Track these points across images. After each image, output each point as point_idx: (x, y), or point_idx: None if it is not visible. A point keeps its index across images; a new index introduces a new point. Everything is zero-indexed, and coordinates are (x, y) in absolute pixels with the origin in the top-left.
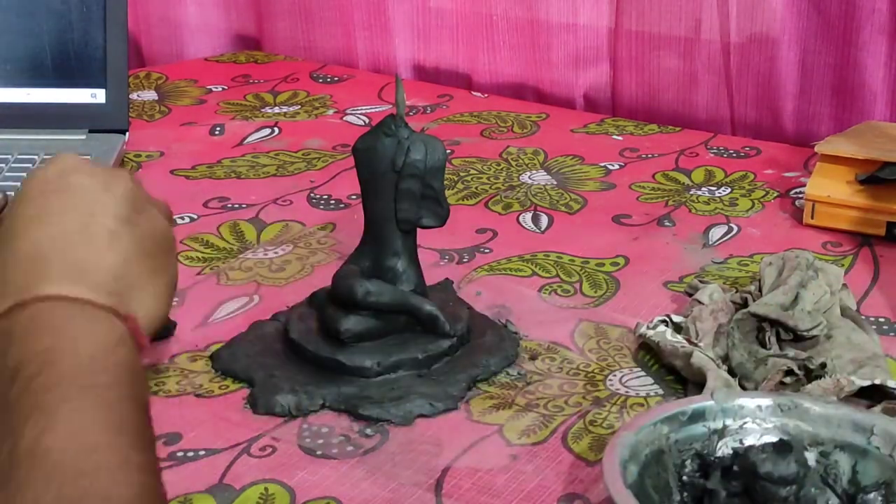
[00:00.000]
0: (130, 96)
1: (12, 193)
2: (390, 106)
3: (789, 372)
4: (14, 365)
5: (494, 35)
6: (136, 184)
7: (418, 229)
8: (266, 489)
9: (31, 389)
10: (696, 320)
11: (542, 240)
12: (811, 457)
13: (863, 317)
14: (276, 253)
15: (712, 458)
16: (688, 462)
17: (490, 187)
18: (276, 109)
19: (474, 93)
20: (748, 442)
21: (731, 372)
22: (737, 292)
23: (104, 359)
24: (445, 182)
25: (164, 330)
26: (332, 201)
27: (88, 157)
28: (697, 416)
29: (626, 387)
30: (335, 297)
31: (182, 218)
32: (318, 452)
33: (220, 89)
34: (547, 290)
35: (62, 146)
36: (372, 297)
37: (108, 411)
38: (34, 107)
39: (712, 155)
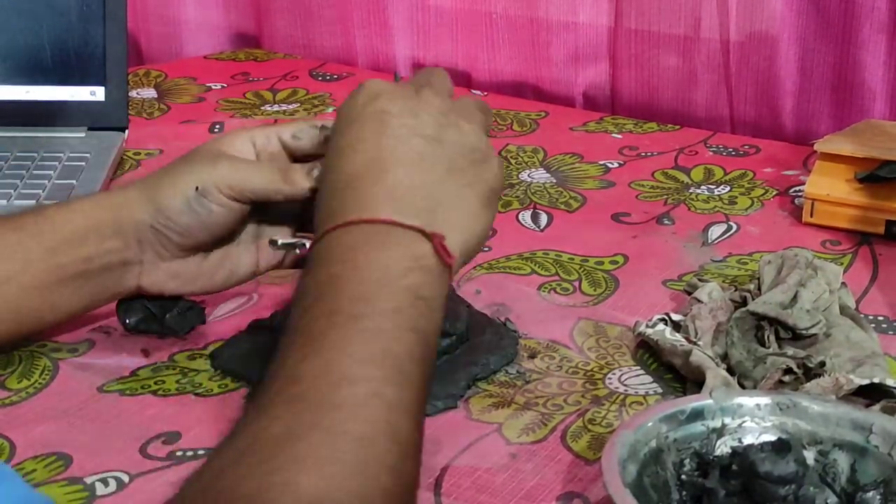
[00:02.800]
0: (130, 94)
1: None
2: None
3: (788, 370)
4: (304, 288)
5: (494, 33)
6: (439, 97)
7: None
8: None
9: (308, 315)
10: (695, 319)
11: (541, 238)
12: (810, 455)
13: (862, 315)
14: None
15: (711, 457)
16: (686, 461)
17: None
18: (276, 107)
19: (474, 91)
20: (747, 441)
21: (730, 370)
22: (736, 291)
23: (391, 284)
24: None
25: (197, 317)
26: None
27: (87, 155)
28: (696, 414)
29: (625, 385)
30: None
31: None
32: None
33: (220, 87)
34: (546, 288)
35: (62, 144)
36: None
37: (373, 342)
38: (33, 104)
39: (712, 153)
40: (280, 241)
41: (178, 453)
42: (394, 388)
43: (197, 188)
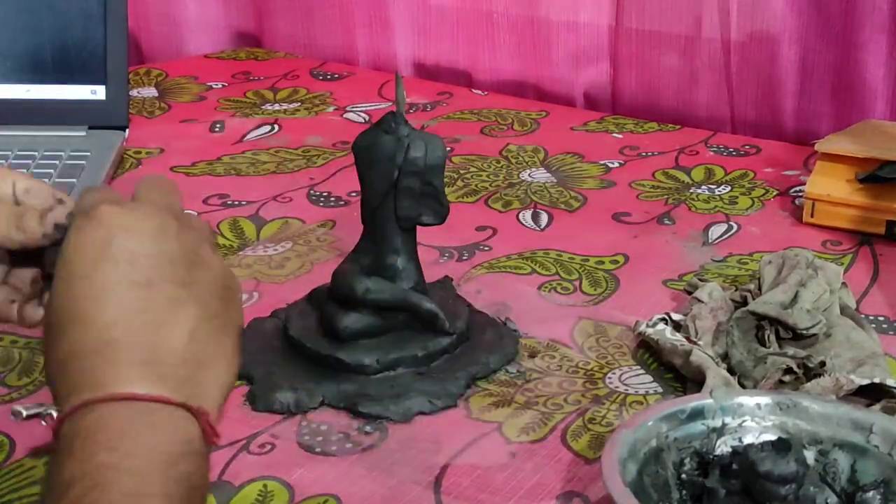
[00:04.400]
0: (130, 93)
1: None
2: (390, 103)
3: (788, 370)
4: (68, 479)
5: (495, 33)
6: (183, 224)
7: (418, 227)
8: (265, 486)
9: None
10: (696, 318)
11: (541, 237)
12: (810, 455)
13: (862, 315)
14: (275, 250)
15: (711, 457)
16: (687, 460)
17: (490, 185)
18: (276, 106)
19: (474, 90)
20: (747, 440)
21: (731, 370)
22: (736, 290)
23: (161, 477)
24: (445, 180)
25: None
26: (332, 198)
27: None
28: (696, 414)
29: (625, 385)
30: (335, 295)
31: None
32: (318, 450)
33: (220, 86)
34: (546, 287)
35: (62, 143)
36: (371, 294)
37: None
38: (34, 103)
39: (712, 153)
40: (24, 412)
41: None
42: None
43: None
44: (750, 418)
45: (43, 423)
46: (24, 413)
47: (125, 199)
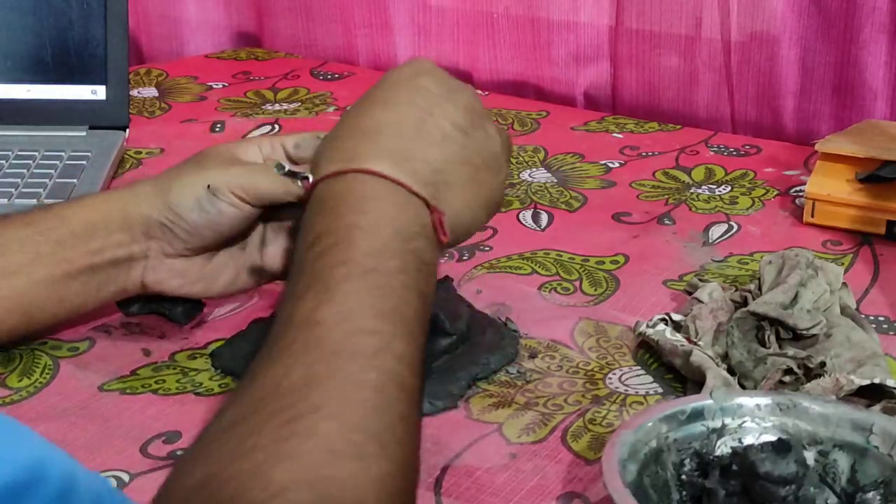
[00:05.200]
0: (131, 93)
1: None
2: None
3: (788, 371)
4: (318, 232)
5: (495, 33)
6: (479, 101)
7: None
8: None
9: (322, 261)
10: (696, 319)
11: (542, 238)
12: (810, 456)
13: (862, 315)
14: None
15: (711, 457)
16: (686, 461)
17: None
18: (277, 106)
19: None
20: (747, 441)
21: (731, 371)
22: (736, 291)
23: (400, 244)
24: None
25: (196, 308)
26: None
27: (90, 152)
28: (696, 414)
29: (625, 385)
30: None
31: None
32: None
33: (221, 86)
34: (547, 288)
35: (62, 143)
36: None
37: (385, 297)
38: (34, 103)
39: (713, 153)
40: (286, 167)
41: (179, 453)
42: (402, 343)
43: (208, 186)
44: (750, 419)
45: (298, 182)
46: (286, 168)
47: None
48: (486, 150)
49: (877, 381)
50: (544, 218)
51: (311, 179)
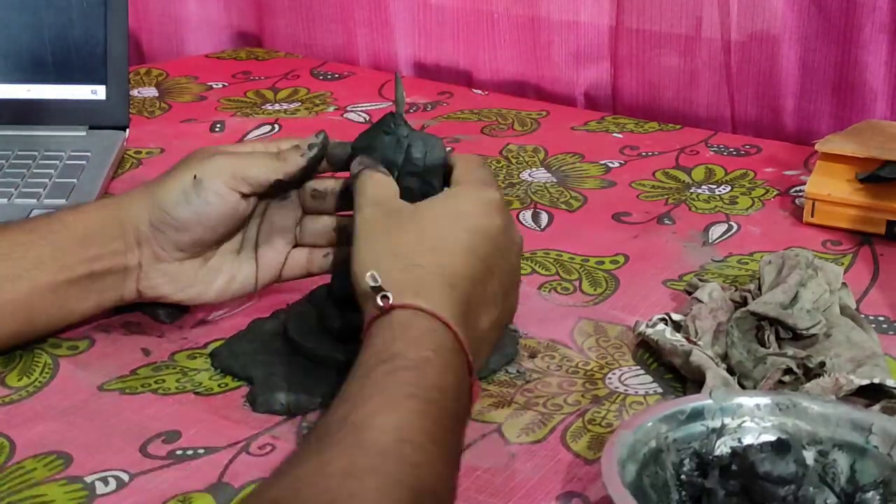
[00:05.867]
0: (131, 93)
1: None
2: (390, 103)
3: (788, 370)
4: (395, 351)
5: (495, 32)
6: (519, 254)
7: None
8: None
9: (392, 378)
10: (696, 319)
11: (541, 237)
12: (810, 456)
13: (862, 315)
14: None
15: (711, 457)
16: (686, 461)
17: None
18: (277, 106)
19: (475, 90)
20: (747, 441)
21: (730, 370)
22: (736, 291)
23: (457, 392)
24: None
25: (178, 310)
26: None
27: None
28: (696, 414)
29: (625, 385)
30: (335, 295)
31: None
32: None
33: (221, 86)
34: (546, 287)
35: (62, 143)
36: None
37: (439, 425)
38: (34, 103)
39: (712, 153)
40: (373, 283)
41: (179, 452)
42: (443, 466)
43: (195, 177)
44: (749, 419)
45: (379, 300)
46: (373, 284)
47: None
48: (510, 314)
49: (876, 380)
50: (544, 218)
51: (390, 299)
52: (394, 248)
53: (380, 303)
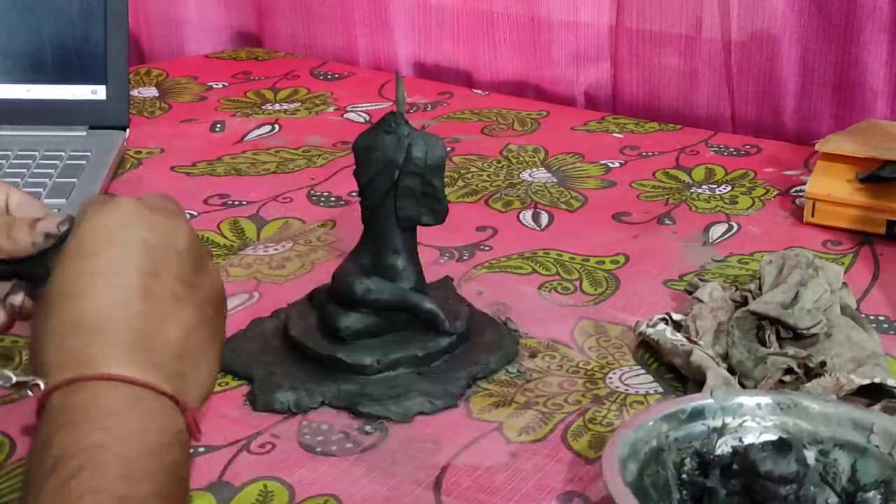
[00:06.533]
0: (131, 93)
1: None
2: (391, 103)
3: (789, 370)
4: (59, 454)
5: (495, 32)
6: (194, 232)
7: (418, 227)
8: (265, 486)
9: (68, 488)
10: (696, 318)
11: (542, 237)
12: (810, 455)
13: (863, 315)
14: (276, 250)
15: (712, 457)
16: (687, 460)
17: (490, 185)
18: (277, 106)
19: (475, 90)
20: (747, 440)
21: (731, 370)
22: (737, 290)
23: (152, 464)
24: (445, 180)
25: None
26: (333, 198)
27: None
28: (697, 414)
29: (625, 385)
30: (335, 295)
31: None
32: (318, 450)
33: (221, 86)
34: (547, 287)
35: (62, 143)
36: (372, 294)
37: None
38: (34, 103)
39: (713, 153)
40: (14, 378)
41: None
42: None
43: None
44: (750, 418)
45: (29, 392)
46: (14, 379)
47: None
48: (214, 294)
49: (877, 380)
50: (544, 218)
51: (41, 387)
52: (44, 322)
53: (31, 395)
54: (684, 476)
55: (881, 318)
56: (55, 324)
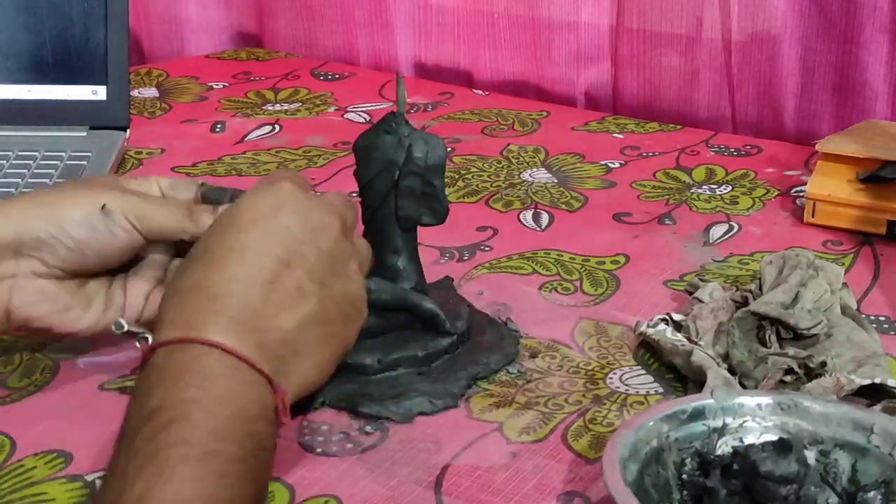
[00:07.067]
0: (131, 93)
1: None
2: (391, 103)
3: (789, 370)
4: (156, 405)
5: (495, 32)
6: (342, 233)
7: (418, 227)
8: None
9: (158, 438)
10: (697, 319)
11: (542, 238)
12: (811, 455)
13: (863, 315)
14: None
15: (712, 457)
16: (687, 460)
17: (491, 185)
18: (277, 107)
19: (475, 90)
20: (748, 440)
21: (732, 370)
22: (737, 291)
23: (241, 428)
24: (446, 180)
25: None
26: None
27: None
28: (697, 414)
29: (626, 385)
30: None
31: None
32: (318, 450)
33: (221, 86)
34: (547, 288)
35: (63, 143)
36: (372, 294)
37: (222, 487)
38: (35, 103)
39: (713, 153)
40: (126, 327)
41: None
42: None
43: (104, 206)
44: (751, 418)
45: (137, 343)
46: (126, 327)
47: (310, 189)
48: (345, 300)
49: (877, 380)
50: (545, 218)
51: (149, 341)
52: (176, 280)
53: (139, 347)
54: (685, 476)
55: (881, 318)
56: (181, 284)
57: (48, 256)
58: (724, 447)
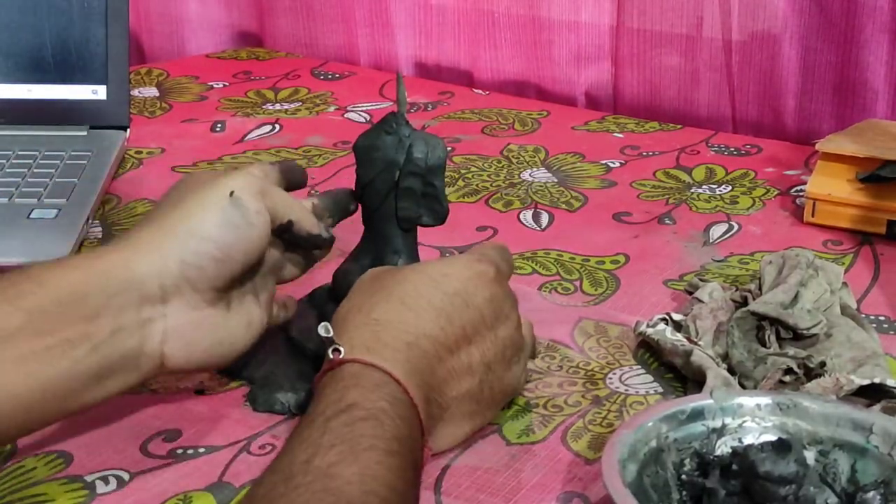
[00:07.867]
0: (131, 93)
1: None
2: (391, 103)
3: (789, 370)
4: (352, 401)
5: (496, 32)
6: (519, 331)
7: (418, 227)
8: None
9: (353, 427)
10: (696, 318)
11: (542, 237)
12: (810, 455)
13: (863, 315)
14: None
15: (711, 457)
16: (687, 461)
17: (491, 185)
18: (278, 106)
19: (475, 90)
20: (747, 441)
21: (731, 370)
22: (737, 291)
23: (412, 441)
24: (446, 180)
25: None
26: None
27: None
28: (696, 414)
29: (625, 385)
30: (335, 295)
31: None
32: None
33: (222, 86)
34: (547, 287)
35: (63, 143)
36: None
37: (398, 477)
38: (35, 103)
39: (713, 153)
40: (325, 334)
41: (179, 451)
42: None
43: (232, 193)
44: (750, 419)
45: (330, 353)
46: (325, 335)
47: (510, 269)
48: (500, 387)
49: (877, 380)
50: (545, 218)
51: (341, 353)
52: (363, 303)
53: (331, 355)
54: (684, 476)
55: (881, 318)
56: (380, 315)
57: (199, 282)
58: (723, 447)
